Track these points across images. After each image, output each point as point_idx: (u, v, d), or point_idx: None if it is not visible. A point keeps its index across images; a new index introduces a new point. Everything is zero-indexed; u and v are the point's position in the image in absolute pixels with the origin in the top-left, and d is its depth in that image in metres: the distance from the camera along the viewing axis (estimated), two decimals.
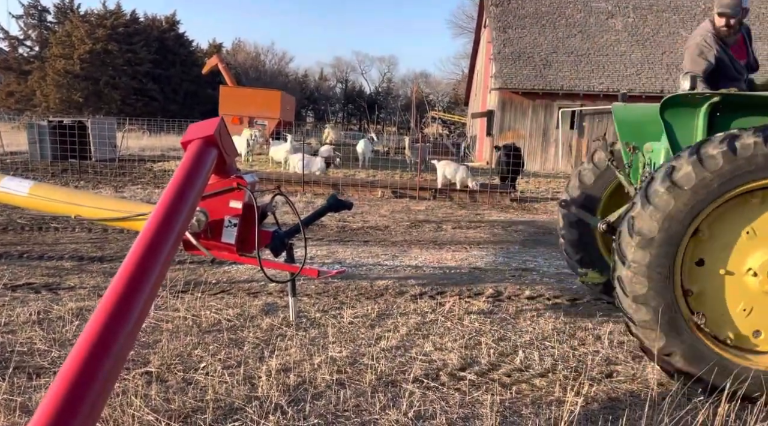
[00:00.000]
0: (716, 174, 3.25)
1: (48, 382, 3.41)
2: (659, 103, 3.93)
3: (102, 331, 2.17)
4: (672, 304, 3.36)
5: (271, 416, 3.09)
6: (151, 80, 49.90)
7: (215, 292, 5.46)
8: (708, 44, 4.31)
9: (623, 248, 3.43)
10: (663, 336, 3.36)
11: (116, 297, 2.31)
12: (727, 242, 3.44)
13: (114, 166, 16.42)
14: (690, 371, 3.39)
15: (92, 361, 2.07)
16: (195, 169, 3.45)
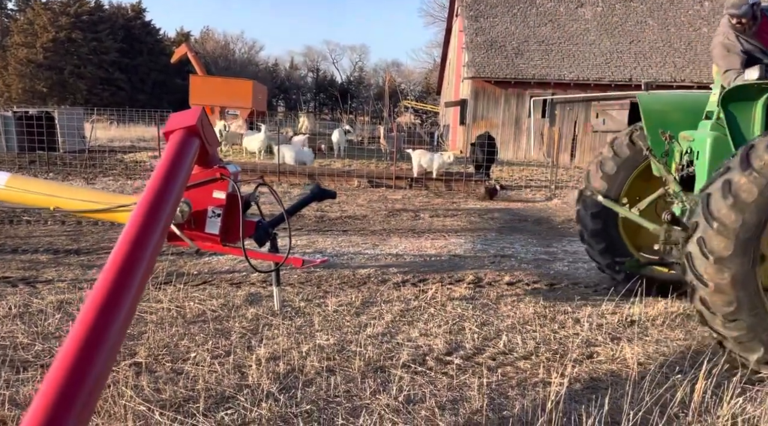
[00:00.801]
0: None
1: (34, 375, 3.38)
2: (684, 92, 4.08)
3: (93, 325, 2.16)
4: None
5: (264, 404, 3.12)
6: (118, 69, 48.79)
7: (197, 283, 5.43)
8: (731, 41, 4.41)
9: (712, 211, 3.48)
10: None
11: (106, 290, 2.29)
12: None
13: (83, 158, 16.06)
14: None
15: (85, 355, 2.06)
16: (178, 160, 3.43)
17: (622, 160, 5.37)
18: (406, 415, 3.08)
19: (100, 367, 2.08)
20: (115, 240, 7.22)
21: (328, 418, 3.03)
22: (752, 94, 4.05)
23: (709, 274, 3.51)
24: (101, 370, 2.09)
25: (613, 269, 5.53)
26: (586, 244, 5.68)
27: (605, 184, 5.38)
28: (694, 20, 26.76)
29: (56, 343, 3.86)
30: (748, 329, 3.51)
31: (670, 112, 4.93)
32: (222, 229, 4.28)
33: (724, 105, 4.08)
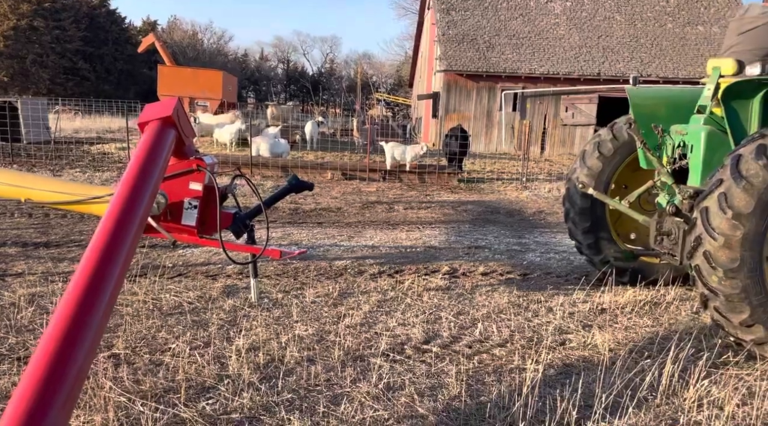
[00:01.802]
0: None
1: (9, 369, 3.33)
2: (674, 86, 4.19)
3: (73, 318, 2.15)
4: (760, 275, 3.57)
5: (245, 393, 3.14)
6: (82, 59, 47.52)
7: (173, 275, 5.39)
8: None
9: (713, 224, 3.58)
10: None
11: (85, 282, 2.28)
12: None
13: (49, 149, 15.67)
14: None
15: (65, 347, 2.05)
16: (155, 151, 3.41)
17: (607, 156, 5.46)
18: (386, 402, 3.13)
19: (81, 359, 2.08)
20: (86, 232, 7.13)
21: (309, 406, 3.07)
22: (751, 90, 4.19)
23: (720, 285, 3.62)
24: (82, 362, 2.08)
25: (592, 250, 5.63)
26: (570, 222, 5.73)
27: (593, 178, 5.46)
28: (660, 16, 27.34)
29: (30, 336, 3.81)
30: None
31: (659, 106, 5.06)
32: (199, 220, 4.26)
33: (725, 100, 4.20)
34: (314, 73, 76.82)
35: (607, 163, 5.48)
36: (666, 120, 4.94)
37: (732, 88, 4.18)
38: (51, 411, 1.91)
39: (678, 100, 5.04)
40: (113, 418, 2.80)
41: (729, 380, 3.52)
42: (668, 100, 5.14)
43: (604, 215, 5.59)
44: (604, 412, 3.02)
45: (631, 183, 5.49)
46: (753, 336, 3.64)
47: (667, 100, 5.13)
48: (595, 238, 5.58)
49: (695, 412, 3.14)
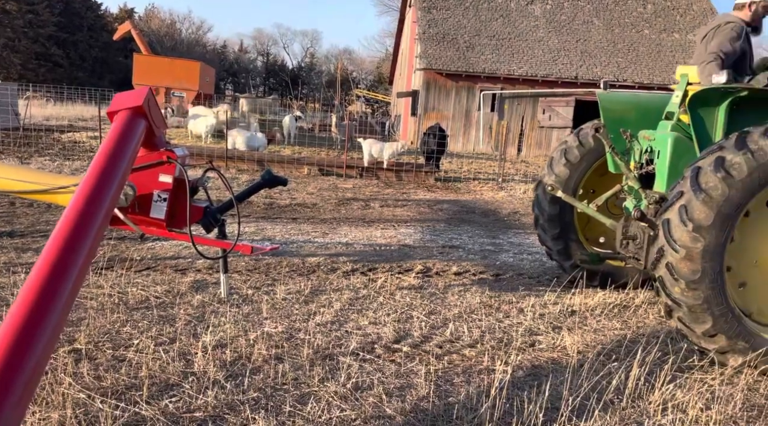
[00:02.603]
0: None
1: None
2: (644, 92, 4.19)
3: (31, 310, 2.08)
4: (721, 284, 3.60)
5: (210, 391, 3.08)
6: (55, 45, 46.44)
7: (140, 268, 5.28)
8: (739, 35, 4.51)
9: (674, 236, 3.61)
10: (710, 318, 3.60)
11: (46, 274, 2.21)
12: None
13: (17, 136, 15.25)
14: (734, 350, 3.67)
15: (22, 341, 1.98)
16: (123, 141, 3.32)
17: (577, 160, 5.49)
18: (354, 402, 3.10)
19: (39, 353, 2.01)
20: (52, 222, 6.96)
21: (275, 406, 3.02)
22: (717, 98, 4.22)
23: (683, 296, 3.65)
24: (40, 356, 2.02)
25: (562, 256, 5.67)
26: (539, 229, 5.77)
27: (567, 173, 5.50)
28: (638, 22, 27.74)
29: None
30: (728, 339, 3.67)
31: (628, 111, 5.10)
32: (168, 213, 4.17)
33: (691, 106, 4.23)
34: (294, 67, 76.34)
35: (574, 169, 5.52)
36: (635, 125, 4.98)
37: (698, 95, 4.21)
38: (5, 407, 1.84)
39: (647, 106, 5.09)
40: (71, 415, 2.72)
41: (694, 384, 3.58)
42: (637, 105, 5.19)
43: (573, 220, 5.64)
44: (570, 415, 3.04)
45: (599, 187, 5.53)
46: (716, 345, 3.69)
47: (637, 106, 5.18)
48: (565, 244, 5.61)
49: (660, 415, 3.17)
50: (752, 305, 3.89)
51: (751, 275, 3.87)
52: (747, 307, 3.87)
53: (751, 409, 3.37)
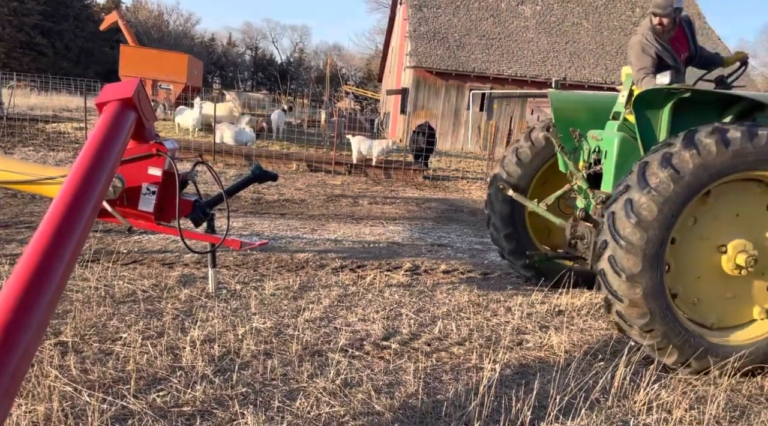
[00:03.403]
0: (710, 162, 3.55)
1: None
2: (594, 92, 4.18)
3: (18, 302, 2.05)
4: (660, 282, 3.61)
5: (198, 386, 3.06)
6: (40, 34, 45.79)
7: (127, 262, 5.23)
8: (648, 41, 4.58)
9: (618, 230, 3.61)
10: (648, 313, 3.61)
11: (33, 266, 2.18)
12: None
13: (1, 125, 15.03)
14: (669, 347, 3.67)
15: (8, 334, 1.96)
16: (112, 133, 3.29)
17: (530, 158, 5.48)
18: (343, 398, 3.10)
19: (25, 345, 1.99)
20: (37, 213, 6.88)
21: (264, 401, 3.01)
22: (661, 99, 4.23)
23: (623, 289, 3.65)
24: (27, 349, 2.00)
25: (514, 256, 5.62)
26: (491, 228, 5.74)
27: (518, 173, 5.49)
28: (626, 25, 27.96)
29: None
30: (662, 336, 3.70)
31: (579, 110, 5.08)
32: (157, 207, 4.14)
33: (635, 107, 4.23)
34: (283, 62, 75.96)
35: (525, 169, 5.50)
36: (585, 124, 4.98)
37: (643, 96, 4.21)
38: None
39: (597, 106, 5.08)
40: (57, 408, 2.69)
41: (678, 385, 3.62)
42: (588, 104, 5.18)
43: (524, 220, 5.63)
44: (557, 413, 3.06)
45: (551, 187, 5.48)
46: (652, 341, 3.69)
47: (587, 105, 5.17)
48: (516, 244, 5.58)
49: (645, 415, 3.21)
50: (691, 306, 3.90)
51: (691, 277, 3.88)
52: (686, 307, 3.88)
53: (733, 409, 3.42)
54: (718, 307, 3.90)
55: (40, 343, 3.13)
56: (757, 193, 3.83)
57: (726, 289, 3.88)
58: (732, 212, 3.82)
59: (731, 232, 3.80)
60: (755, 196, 3.84)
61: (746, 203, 3.83)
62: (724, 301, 3.90)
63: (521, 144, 5.59)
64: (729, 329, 3.93)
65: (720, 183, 3.67)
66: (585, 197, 4.87)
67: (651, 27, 4.56)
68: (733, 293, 3.89)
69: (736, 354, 3.73)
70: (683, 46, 4.74)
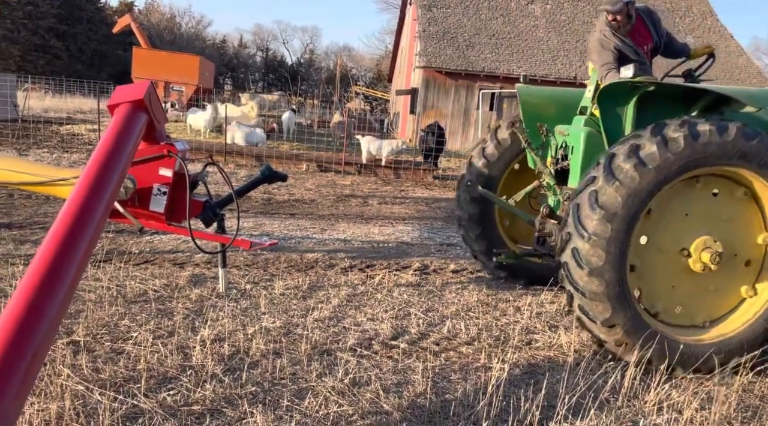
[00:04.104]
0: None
1: None
2: (561, 88, 4.09)
3: (31, 301, 2.09)
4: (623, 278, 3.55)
5: (208, 385, 3.09)
6: (55, 37, 46.29)
7: (138, 262, 5.28)
8: (606, 37, 4.54)
9: (583, 222, 3.54)
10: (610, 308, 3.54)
11: (45, 266, 2.21)
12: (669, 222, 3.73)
13: (16, 127, 15.21)
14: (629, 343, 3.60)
15: (21, 333, 1.99)
16: (124, 134, 3.33)
17: (500, 153, 5.38)
18: (352, 397, 3.11)
19: (38, 345, 2.02)
20: (50, 214, 6.96)
21: (273, 400, 3.03)
22: (626, 92, 4.13)
23: (585, 283, 3.57)
24: (39, 348, 2.03)
25: (486, 256, 5.51)
26: (462, 229, 5.63)
27: (483, 176, 5.39)
28: None
29: None
30: None
31: (546, 105, 4.98)
32: (167, 207, 4.18)
33: (600, 101, 4.13)
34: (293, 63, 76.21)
35: (493, 166, 5.41)
36: (553, 120, 4.87)
37: (607, 90, 4.11)
38: (5, 398, 1.85)
39: (565, 100, 4.97)
40: (69, 406, 2.72)
41: (689, 384, 3.60)
42: (556, 100, 5.07)
43: (494, 219, 5.52)
44: (566, 413, 3.05)
45: (520, 184, 5.39)
46: (613, 337, 3.61)
47: (555, 100, 5.06)
48: (487, 243, 5.47)
49: (655, 415, 3.19)
50: (654, 301, 3.82)
51: (652, 269, 3.80)
52: (649, 302, 3.80)
53: (745, 409, 3.39)
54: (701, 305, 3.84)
55: (53, 343, 3.17)
56: (698, 188, 3.74)
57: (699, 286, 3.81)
58: (681, 213, 3.74)
59: (690, 234, 3.72)
60: (699, 192, 3.75)
61: (693, 201, 3.74)
62: (703, 299, 3.84)
63: (488, 141, 5.47)
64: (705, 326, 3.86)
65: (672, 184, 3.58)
66: (554, 194, 4.78)
67: (607, 23, 4.51)
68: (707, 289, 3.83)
69: (709, 351, 3.67)
70: (645, 38, 4.68)
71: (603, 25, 4.56)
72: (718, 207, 3.78)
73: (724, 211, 3.78)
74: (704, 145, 3.49)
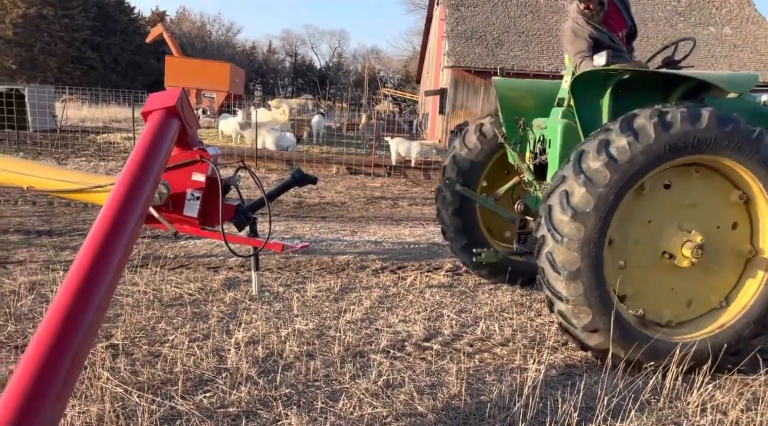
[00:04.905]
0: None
1: (7, 357, 3.31)
2: (540, 80, 3.95)
3: (71, 306, 2.12)
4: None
5: (243, 387, 3.11)
6: (90, 48, 47.60)
7: (174, 266, 5.37)
8: (580, 25, 4.42)
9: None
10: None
11: (84, 271, 2.25)
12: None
13: (54, 137, 15.67)
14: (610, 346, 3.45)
15: (62, 338, 2.03)
16: (157, 141, 3.38)
17: (478, 149, 5.21)
18: (385, 399, 3.10)
19: (78, 349, 2.06)
20: (89, 221, 7.12)
21: (307, 402, 3.03)
22: (601, 81, 3.96)
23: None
24: (79, 352, 2.06)
25: (466, 253, 5.27)
26: (442, 223, 5.44)
27: (462, 172, 5.21)
28: (671, 16, 27.13)
29: (30, 325, 3.79)
30: None
31: (524, 98, 4.80)
32: (201, 212, 4.23)
33: (574, 91, 3.96)
34: (322, 67, 76.75)
35: (474, 162, 5.21)
36: (533, 113, 4.69)
37: (580, 79, 3.92)
38: (46, 401, 1.89)
39: (544, 92, 4.78)
40: (109, 409, 2.77)
41: (733, 385, 3.48)
42: (534, 92, 4.87)
43: (475, 214, 5.32)
44: (606, 415, 2.98)
45: (502, 180, 5.22)
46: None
47: (533, 92, 4.86)
48: (468, 239, 5.28)
49: (698, 416, 3.10)
50: (633, 301, 3.65)
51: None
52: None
53: None
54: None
55: (92, 346, 3.23)
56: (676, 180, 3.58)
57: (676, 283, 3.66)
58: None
59: (670, 229, 3.57)
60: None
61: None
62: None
63: (470, 136, 5.29)
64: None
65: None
66: (535, 189, 4.62)
67: (580, 11, 4.39)
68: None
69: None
70: (619, 24, 4.55)
71: (576, 13, 4.46)
72: (695, 199, 3.61)
73: (702, 201, 3.61)
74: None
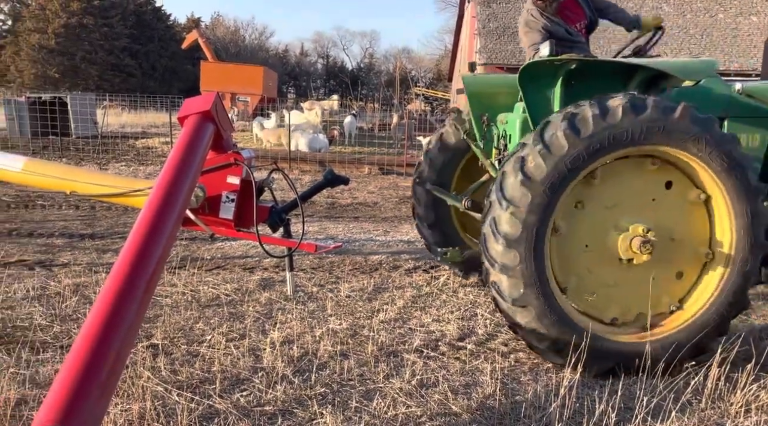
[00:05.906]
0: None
1: (53, 357, 3.43)
2: (509, 74, 3.89)
3: (113, 307, 2.19)
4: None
5: (278, 386, 3.16)
6: (129, 56, 48.93)
7: (210, 267, 5.48)
8: (533, 17, 4.33)
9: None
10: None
11: (125, 273, 2.32)
12: None
13: (96, 143, 16.16)
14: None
15: (104, 338, 2.09)
16: (193, 145, 3.45)
17: (451, 146, 5.14)
18: (419, 398, 3.10)
19: (120, 349, 2.12)
20: (129, 225, 7.33)
21: (342, 401, 3.06)
22: (550, 72, 3.82)
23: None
24: (121, 351, 2.12)
25: (440, 248, 5.08)
26: (417, 219, 5.38)
27: (435, 170, 5.15)
28: (711, 6, 26.35)
29: (74, 325, 3.92)
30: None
31: (496, 94, 4.69)
32: (236, 214, 4.29)
33: (522, 83, 3.84)
34: (353, 68, 77.14)
35: (447, 159, 5.14)
36: (499, 109, 4.59)
37: (527, 71, 3.77)
38: (90, 399, 1.95)
39: (510, 88, 4.59)
40: (150, 407, 2.85)
41: None
42: (502, 87, 4.72)
43: (449, 211, 5.24)
44: (645, 416, 2.92)
45: (475, 177, 5.09)
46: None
47: (501, 88, 4.72)
48: (442, 235, 5.22)
49: (743, 417, 3.01)
50: (572, 288, 3.51)
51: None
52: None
53: None
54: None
55: (134, 345, 3.32)
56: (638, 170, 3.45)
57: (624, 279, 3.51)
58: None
59: (620, 219, 3.44)
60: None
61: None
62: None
63: (446, 131, 5.21)
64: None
65: None
66: None
67: (533, 3, 4.32)
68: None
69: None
70: (577, 15, 4.44)
71: (530, 5, 4.40)
72: (647, 189, 3.48)
73: (651, 193, 3.48)
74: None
